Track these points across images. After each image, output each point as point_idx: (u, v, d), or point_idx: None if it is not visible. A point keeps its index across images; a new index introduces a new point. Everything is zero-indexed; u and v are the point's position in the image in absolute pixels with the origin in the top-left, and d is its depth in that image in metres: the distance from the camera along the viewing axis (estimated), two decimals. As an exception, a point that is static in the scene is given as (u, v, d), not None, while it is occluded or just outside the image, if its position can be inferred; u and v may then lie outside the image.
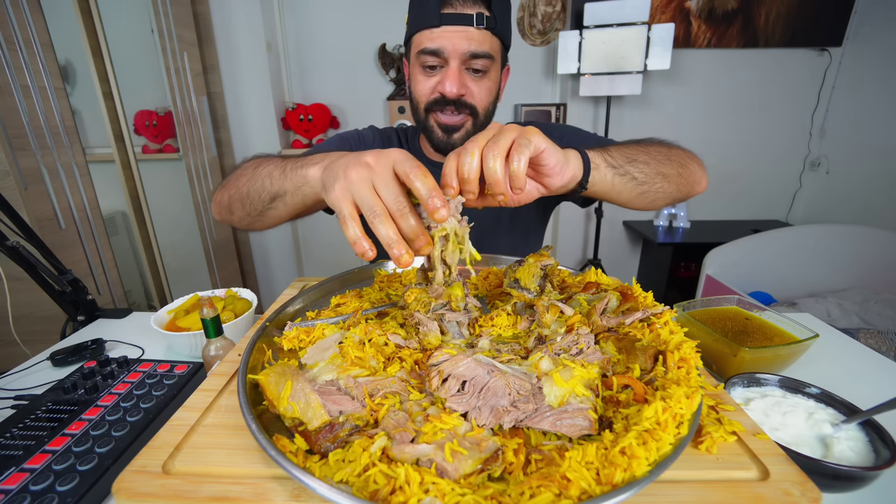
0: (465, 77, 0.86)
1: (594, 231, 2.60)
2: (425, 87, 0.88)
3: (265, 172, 0.69)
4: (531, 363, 0.44)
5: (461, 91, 0.85)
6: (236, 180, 0.75)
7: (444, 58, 0.84)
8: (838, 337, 0.79)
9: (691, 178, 0.78)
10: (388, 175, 0.48)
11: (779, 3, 2.34)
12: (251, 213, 0.74)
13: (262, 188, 0.69)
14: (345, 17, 2.39)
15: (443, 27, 0.82)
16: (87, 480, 0.45)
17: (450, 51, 0.83)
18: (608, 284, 0.59)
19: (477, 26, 0.81)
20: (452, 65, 0.84)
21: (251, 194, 0.71)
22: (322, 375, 0.44)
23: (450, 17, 0.81)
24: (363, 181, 0.47)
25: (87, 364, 0.67)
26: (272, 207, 0.70)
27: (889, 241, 1.93)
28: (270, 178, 0.68)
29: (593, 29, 2.14)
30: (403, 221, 0.46)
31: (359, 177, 0.48)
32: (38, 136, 1.40)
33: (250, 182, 0.71)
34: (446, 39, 0.82)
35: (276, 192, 0.67)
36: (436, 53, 0.83)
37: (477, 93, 0.88)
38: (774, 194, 2.71)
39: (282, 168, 0.67)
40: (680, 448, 0.34)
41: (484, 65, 0.85)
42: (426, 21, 0.83)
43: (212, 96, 2.34)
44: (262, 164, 0.72)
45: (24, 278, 0.84)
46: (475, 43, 0.82)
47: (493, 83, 0.90)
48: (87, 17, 1.62)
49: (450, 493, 0.31)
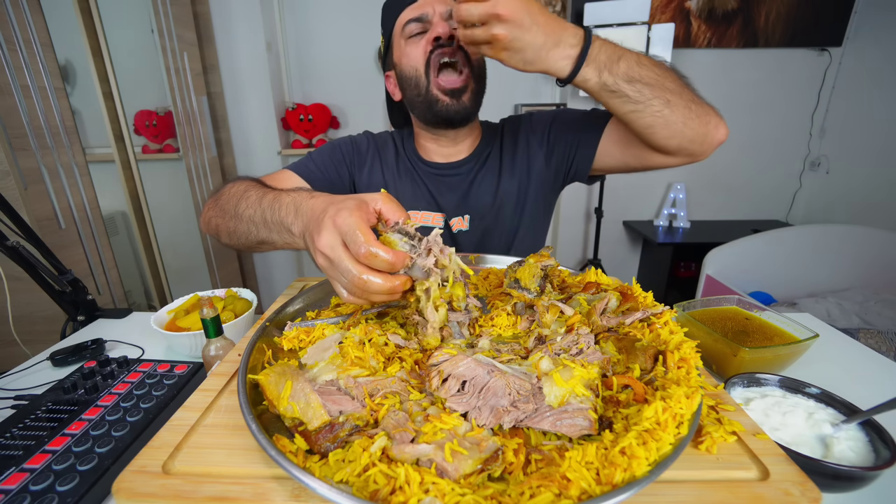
0: (452, 25, 0.85)
1: (594, 231, 2.60)
2: (417, 50, 0.86)
3: (247, 217, 0.65)
4: (531, 363, 0.44)
5: (451, 30, 0.83)
6: (223, 210, 0.73)
7: (427, 21, 0.84)
8: (838, 337, 0.79)
9: (703, 116, 0.73)
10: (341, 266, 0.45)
11: (779, 3, 2.34)
12: (240, 246, 0.74)
13: (248, 232, 0.67)
14: (345, 18, 2.39)
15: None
16: (87, 480, 0.45)
17: (431, 14, 0.84)
18: (608, 284, 0.59)
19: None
20: (435, 20, 0.84)
21: (238, 232, 0.70)
22: (322, 375, 0.44)
23: None
24: (331, 278, 0.48)
25: (87, 364, 0.67)
26: (261, 247, 0.71)
27: (889, 241, 1.93)
28: (254, 225, 0.64)
29: (593, 29, 2.14)
30: (373, 297, 0.47)
31: (326, 264, 0.48)
32: (38, 136, 1.40)
33: (235, 221, 0.69)
34: (427, 6, 0.84)
35: (264, 239, 0.65)
36: (419, 20, 0.84)
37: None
38: (774, 194, 2.71)
39: (262, 216, 0.62)
40: (680, 448, 0.34)
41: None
42: (404, 1, 0.85)
43: (212, 96, 2.34)
44: (241, 203, 0.67)
45: (24, 278, 0.84)
46: (451, 2, 0.83)
47: None
48: (87, 17, 1.62)
49: (450, 493, 0.31)
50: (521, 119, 1.02)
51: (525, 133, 0.99)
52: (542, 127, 0.98)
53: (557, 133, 0.96)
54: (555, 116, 0.99)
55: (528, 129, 1.00)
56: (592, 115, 0.94)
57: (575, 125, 0.95)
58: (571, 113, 0.97)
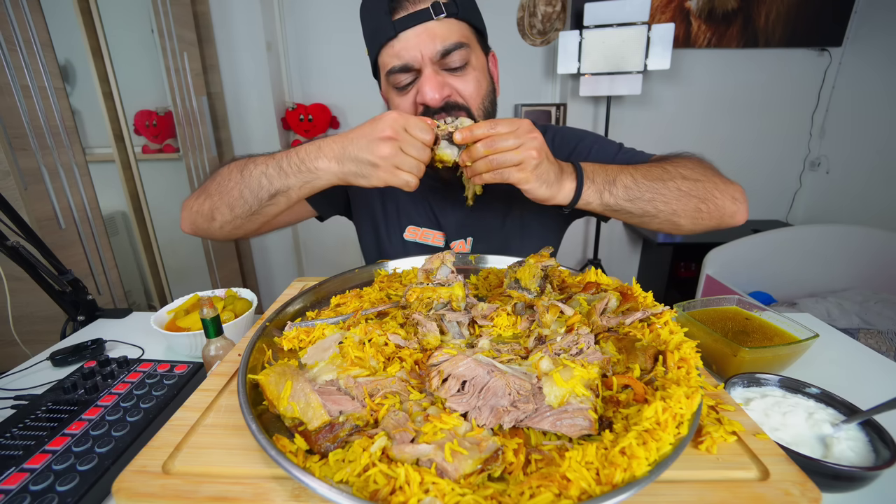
0: (444, 77, 0.75)
1: (594, 231, 2.59)
2: (405, 104, 0.78)
3: (258, 172, 0.70)
4: (531, 363, 0.44)
5: (444, 93, 0.74)
6: (220, 186, 0.74)
7: (415, 70, 0.74)
8: (838, 337, 0.79)
9: (717, 212, 0.74)
10: (409, 137, 0.62)
11: (779, 3, 2.34)
12: (242, 213, 0.74)
13: (260, 186, 0.70)
14: (345, 17, 2.39)
15: (400, 35, 0.72)
16: (87, 480, 0.45)
17: (418, 59, 0.73)
18: (608, 284, 0.59)
19: (436, 16, 0.71)
20: (426, 71, 0.74)
21: (244, 195, 0.71)
22: (322, 375, 0.44)
23: (403, 20, 0.71)
24: (396, 153, 0.62)
25: (87, 364, 0.67)
26: (272, 204, 0.72)
27: (889, 241, 1.93)
28: (267, 178, 0.69)
29: (593, 29, 2.14)
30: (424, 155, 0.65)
31: (392, 151, 0.61)
32: (38, 136, 1.40)
33: (242, 184, 0.71)
34: (411, 48, 0.72)
35: (279, 188, 0.69)
36: (405, 69, 0.74)
37: (464, 89, 0.76)
38: (774, 194, 2.71)
39: (276, 167, 0.69)
40: (680, 448, 0.34)
41: (461, 57, 0.74)
42: (381, 35, 0.73)
43: (212, 96, 2.34)
44: (248, 166, 0.72)
45: (24, 278, 0.84)
46: (440, 38, 0.72)
47: (481, 72, 0.78)
48: (87, 17, 1.62)
49: (450, 493, 0.31)
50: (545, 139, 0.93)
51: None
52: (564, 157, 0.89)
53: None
54: (576, 149, 0.88)
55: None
56: (618, 161, 0.84)
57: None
58: (595, 156, 0.86)
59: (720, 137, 2.59)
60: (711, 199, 0.73)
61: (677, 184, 0.72)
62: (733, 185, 0.77)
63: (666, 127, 2.55)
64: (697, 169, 0.76)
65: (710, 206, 0.73)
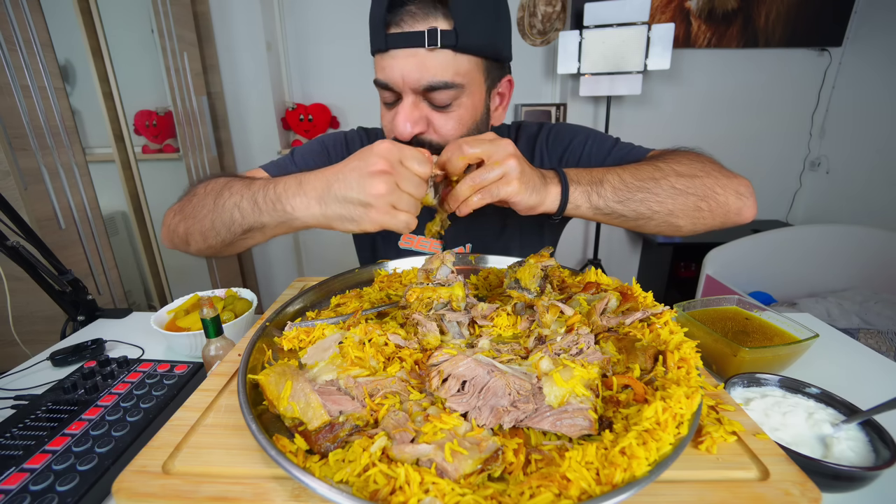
0: (425, 110, 0.70)
1: (594, 231, 2.59)
2: (385, 122, 0.75)
3: (231, 204, 0.61)
4: (531, 363, 0.44)
5: (416, 129, 0.69)
6: (194, 210, 0.66)
7: (394, 91, 0.69)
8: (838, 337, 0.79)
9: (720, 210, 0.69)
10: (405, 171, 0.53)
11: (779, 3, 2.34)
12: (216, 244, 0.67)
13: (232, 220, 0.61)
14: (344, 17, 2.39)
15: (391, 51, 0.66)
16: (87, 480, 0.45)
17: (399, 84, 0.67)
18: (608, 284, 0.59)
19: (429, 47, 0.64)
20: (406, 99, 0.68)
21: (216, 226, 0.63)
22: (322, 375, 0.44)
23: (396, 38, 0.65)
24: (393, 190, 0.52)
25: (87, 364, 0.67)
26: (246, 238, 0.64)
27: (889, 241, 1.93)
28: (240, 211, 0.60)
29: (593, 29, 2.14)
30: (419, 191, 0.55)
31: (388, 187, 0.51)
32: (38, 136, 1.40)
33: (214, 213, 0.63)
34: (395, 70, 0.66)
35: (252, 224, 0.60)
36: (387, 87, 0.69)
37: (441, 126, 0.71)
38: (774, 194, 2.71)
39: (251, 200, 0.60)
40: (680, 448, 0.34)
41: (447, 97, 0.68)
42: (376, 42, 0.68)
43: (212, 96, 2.34)
44: (223, 193, 0.63)
45: (24, 278, 0.84)
46: (429, 72, 0.65)
47: (467, 111, 0.72)
48: (87, 17, 1.62)
49: (450, 493, 0.31)
50: (538, 138, 0.89)
51: (539, 154, 0.89)
52: (559, 154, 0.86)
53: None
54: (571, 144, 0.85)
55: (542, 149, 0.89)
56: (612, 159, 0.82)
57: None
58: (589, 152, 0.84)
59: (720, 137, 2.58)
60: (712, 196, 0.68)
61: (671, 181, 0.67)
62: (737, 178, 0.71)
63: (666, 127, 2.55)
64: (695, 164, 0.70)
65: (711, 204, 0.68)
